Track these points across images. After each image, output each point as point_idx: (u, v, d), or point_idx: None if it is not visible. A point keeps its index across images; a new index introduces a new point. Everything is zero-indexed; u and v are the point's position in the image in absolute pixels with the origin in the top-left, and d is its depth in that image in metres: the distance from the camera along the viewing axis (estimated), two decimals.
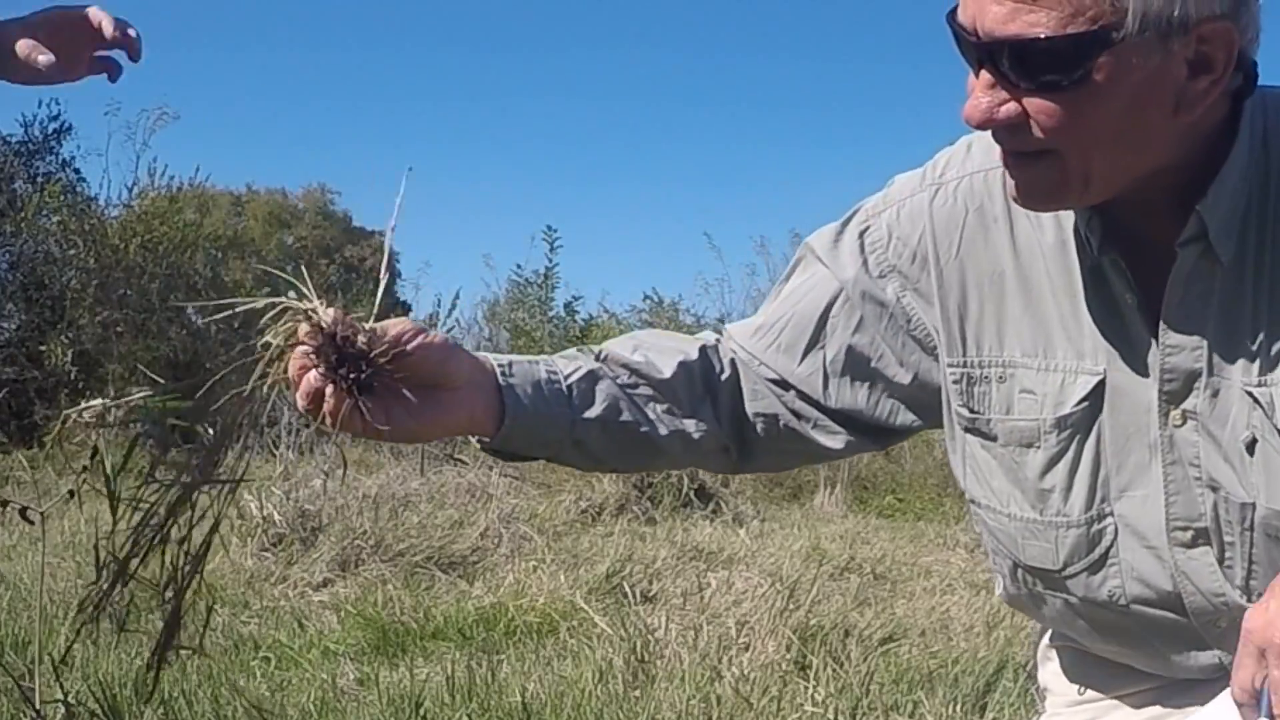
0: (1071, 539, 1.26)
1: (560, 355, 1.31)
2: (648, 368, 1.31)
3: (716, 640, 3.47)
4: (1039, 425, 1.25)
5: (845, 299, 1.33)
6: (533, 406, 1.23)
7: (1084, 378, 1.23)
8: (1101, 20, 1.05)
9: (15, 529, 5.13)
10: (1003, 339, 1.27)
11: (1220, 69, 1.09)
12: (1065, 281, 1.24)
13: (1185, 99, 1.10)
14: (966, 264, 1.28)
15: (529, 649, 3.75)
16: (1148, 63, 1.07)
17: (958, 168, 1.31)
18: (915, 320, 1.31)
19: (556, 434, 1.27)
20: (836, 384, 1.34)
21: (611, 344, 1.33)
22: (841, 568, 5.02)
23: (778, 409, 1.36)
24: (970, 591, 4.61)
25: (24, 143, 11.73)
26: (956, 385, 1.29)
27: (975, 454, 1.31)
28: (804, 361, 1.35)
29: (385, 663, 3.64)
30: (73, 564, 4.73)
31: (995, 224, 1.28)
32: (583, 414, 1.27)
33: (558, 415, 1.25)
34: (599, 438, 1.28)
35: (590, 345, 1.35)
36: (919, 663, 3.46)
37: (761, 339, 1.37)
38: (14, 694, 2.54)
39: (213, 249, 12.57)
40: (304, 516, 5.15)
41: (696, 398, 1.33)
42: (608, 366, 1.30)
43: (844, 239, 1.35)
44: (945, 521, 6.49)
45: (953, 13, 1.14)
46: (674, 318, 11.62)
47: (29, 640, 3.57)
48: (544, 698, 3.15)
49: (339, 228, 25.11)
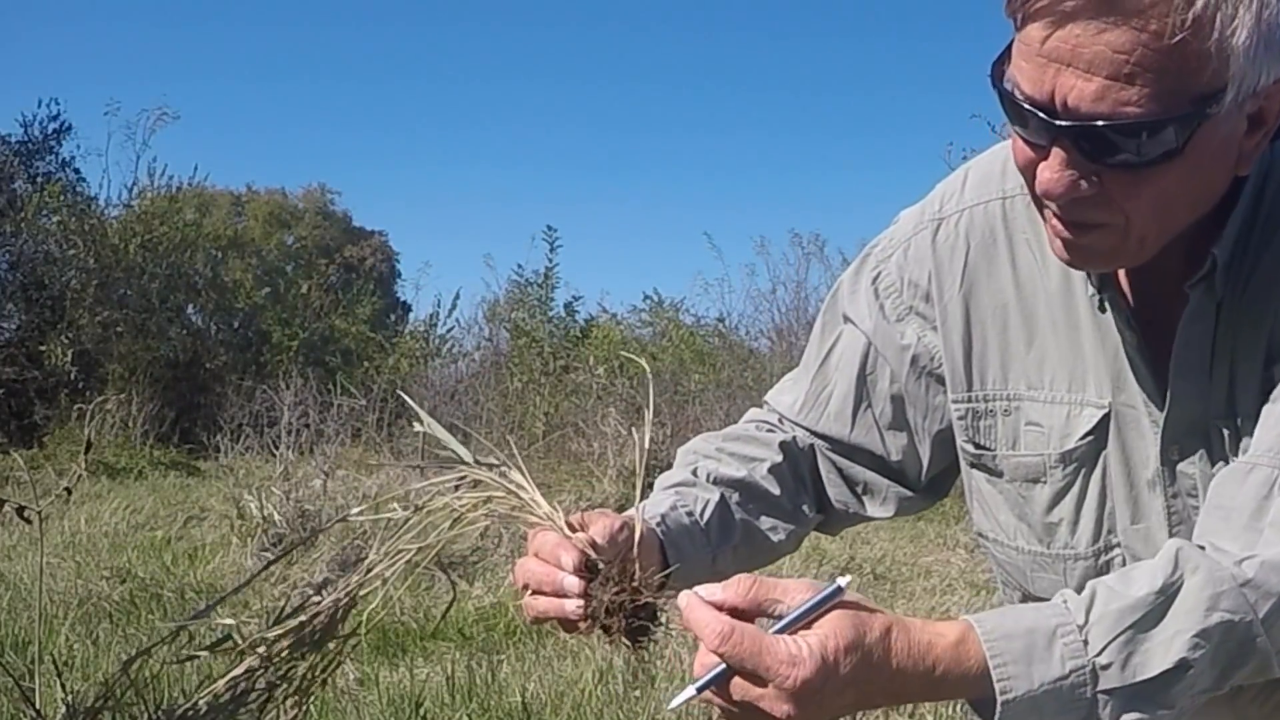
0: (1080, 571, 1.26)
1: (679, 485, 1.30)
2: (753, 481, 1.33)
3: None
4: (1044, 460, 1.25)
5: (875, 352, 1.34)
6: (685, 556, 1.23)
7: (1089, 410, 1.22)
8: (1202, 95, 0.99)
9: (15, 529, 5.13)
10: (1007, 372, 1.26)
11: (1272, 121, 1.07)
12: (1067, 315, 1.23)
13: (1244, 155, 1.08)
14: (970, 298, 1.28)
15: (529, 649, 3.75)
16: (1226, 127, 1.04)
17: (956, 200, 1.31)
18: (936, 358, 1.31)
19: (699, 572, 1.24)
20: (893, 437, 1.35)
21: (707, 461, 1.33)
22: (841, 568, 5.02)
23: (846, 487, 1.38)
24: (970, 591, 4.61)
25: (24, 143, 11.74)
26: (962, 421, 1.29)
27: (981, 489, 1.31)
28: (856, 424, 1.36)
29: (385, 663, 3.63)
30: (73, 564, 4.73)
31: (998, 257, 1.27)
32: (720, 546, 1.28)
33: (703, 556, 1.26)
34: (732, 561, 1.30)
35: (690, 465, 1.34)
36: None
37: (811, 412, 1.38)
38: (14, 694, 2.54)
39: (213, 249, 12.57)
40: (304, 516, 5.15)
41: (794, 496, 1.36)
42: (724, 489, 1.31)
43: (860, 289, 1.35)
44: (945, 521, 6.49)
45: (999, 71, 1.07)
46: (674, 318, 11.63)
47: (29, 640, 3.57)
48: (544, 698, 3.15)
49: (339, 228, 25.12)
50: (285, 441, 7.14)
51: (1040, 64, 1.01)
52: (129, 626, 3.81)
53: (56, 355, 10.30)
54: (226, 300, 12.16)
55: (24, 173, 11.61)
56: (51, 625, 3.71)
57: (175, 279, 11.40)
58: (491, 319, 11.87)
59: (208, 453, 9.06)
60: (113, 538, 5.52)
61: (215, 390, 10.69)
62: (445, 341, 12.33)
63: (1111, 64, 0.98)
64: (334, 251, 22.07)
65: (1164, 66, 0.98)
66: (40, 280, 10.89)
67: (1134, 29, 0.97)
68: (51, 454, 8.51)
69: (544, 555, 1.08)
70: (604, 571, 1.05)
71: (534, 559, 1.09)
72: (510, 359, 10.77)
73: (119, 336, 10.56)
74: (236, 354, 11.75)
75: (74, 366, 10.31)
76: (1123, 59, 0.98)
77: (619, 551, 1.07)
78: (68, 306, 10.66)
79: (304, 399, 8.50)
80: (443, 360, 12.10)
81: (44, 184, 11.50)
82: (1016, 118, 1.06)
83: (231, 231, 14.65)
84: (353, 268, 21.04)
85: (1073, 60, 0.99)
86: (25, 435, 9.76)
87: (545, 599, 1.08)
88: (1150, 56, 0.98)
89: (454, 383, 11.02)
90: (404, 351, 12.10)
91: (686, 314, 11.75)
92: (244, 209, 21.61)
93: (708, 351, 10.81)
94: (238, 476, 6.39)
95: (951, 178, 1.33)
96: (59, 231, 11.07)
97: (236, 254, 13.63)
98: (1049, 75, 1.01)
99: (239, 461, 7.86)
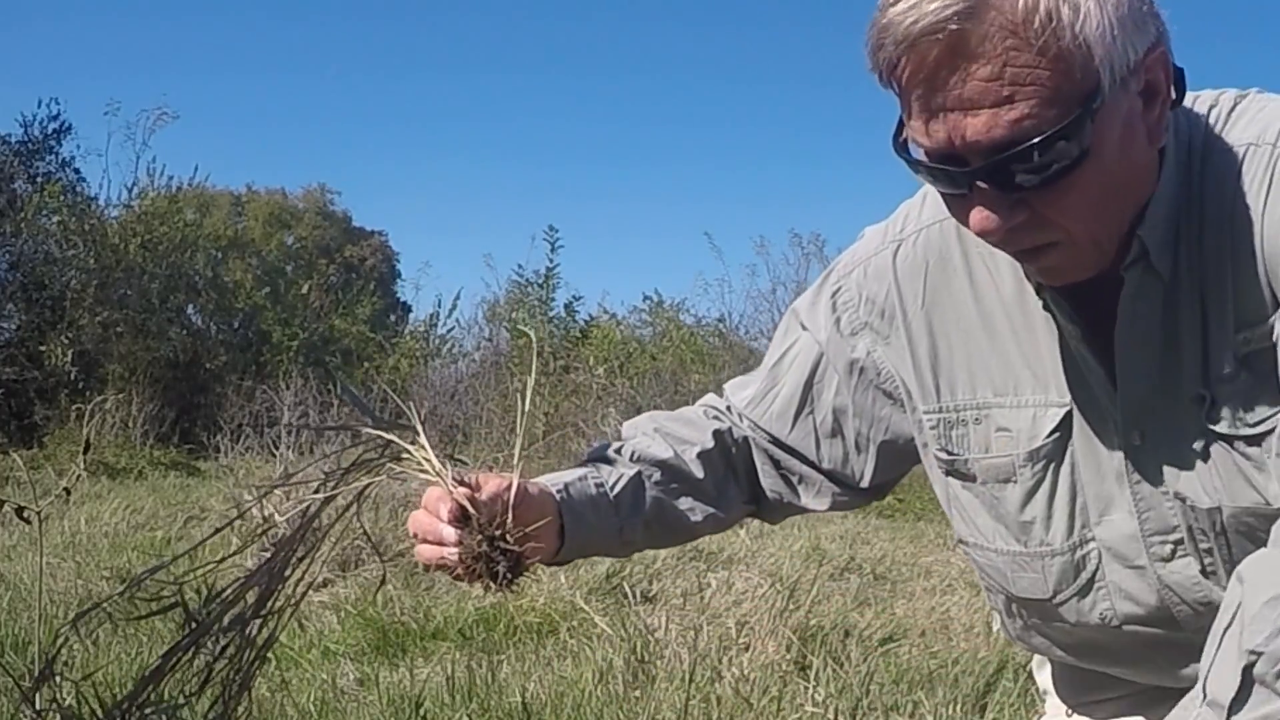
0: (1057, 567, 1.29)
1: (598, 459, 1.38)
2: (677, 463, 1.39)
3: (716, 640, 3.46)
4: (1013, 460, 1.28)
5: (827, 362, 1.39)
6: (587, 524, 1.31)
7: (1053, 410, 1.25)
8: (1084, 94, 1.04)
9: (15, 529, 5.13)
10: (974, 381, 1.30)
11: (1164, 90, 1.11)
12: (1025, 320, 1.26)
13: (1151, 129, 1.11)
14: (933, 313, 1.32)
15: (529, 649, 3.75)
16: (1120, 110, 1.08)
17: (915, 220, 1.35)
18: (885, 373, 1.36)
19: (606, 542, 1.36)
20: (828, 445, 1.41)
21: (639, 438, 1.41)
22: (841, 568, 5.02)
23: (781, 479, 1.44)
24: (970, 591, 4.60)
25: (24, 143, 11.74)
26: (934, 430, 1.33)
27: (958, 495, 1.34)
28: (795, 427, 1.41)
29: (385, 663, 3.63)
30: (73, 564, 4.73)
31: (955, 272, 1.31)
32: (629, 519, 1.35)
33: (608, 526, 1.34)
34: (642, 535, 1.38)
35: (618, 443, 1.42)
36: (919, 663, 3.45)
37: (757, 407, 1.44)
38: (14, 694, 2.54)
39: (213, 249, 12.58)
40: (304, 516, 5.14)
41: (721, 482, 1.43)
42: (643, 466, 1.37)
43: (820, 301, 1.41)
44: (945, 521, 6.43)
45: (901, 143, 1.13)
46: (674, 318, 11.63)
47: (29, 640, 3.57)
48: (544, 698, 3.14)
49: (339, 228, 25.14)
50: (285, 441, 7.14)
51: (928, 121, 1.08)
52: (129, 627, 3.81)
53: (56, 355, 10.30)
54: (226, 300, 12.17)
55: (24, 173, 11.61)
56: (51, 625, 3.71)
57: (175, 279, 11.41)
58: (491, 319, 11.87)
59: (208, 453, 9.06)
60: (113, 538, 5.52)
61: (215, 390, 10.70)
62: (445, 342, 12.34)
63: (988, 93, 1.04)
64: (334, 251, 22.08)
65: (1036, 78, 1.04)
66: (40, 280, 10.89)
67: (991, 58, 1.03)
68: (51, 454, 8.51)
69: (429, 507, 1.19)
70: (475, 522, 1.15)
71: (422, 510, 1.20)
72: (510, 359, 10.77)
73: (119, 336, 10.56)
74: (236, 354, 11.76)
75: (74, 366, 10.31)
76: (996, 85, 1.04)
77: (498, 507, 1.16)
78: (68, 306, 10.67)
79: (304, 399, 8.49)
80: (443, 360, 12.11)
81: (44, 184, 11.50)
82: (930, 178, 1.13)
83: (231, 232, 14.67)
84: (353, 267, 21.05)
85: (956, 105, 1.06)
86: (25, 435, 9.76)
87: (428, 546, 1.19)
88: (1019, 73, 1.04)
89: (454, 383, 11.02)
90: (404, 352, 12.11)
91: (687, 314, 11.77)
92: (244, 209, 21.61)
93: (708, 352, 10.82)
94: (237, 476, 6.39)
95: (914, 197, 1.37)
96: (59, 232, 11.08)
97: (236, 254, 13.64)
98: (940, 127, 1.07)
99: (239, 462, 7.86)
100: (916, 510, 7.29)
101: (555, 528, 1.27)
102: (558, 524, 1.27)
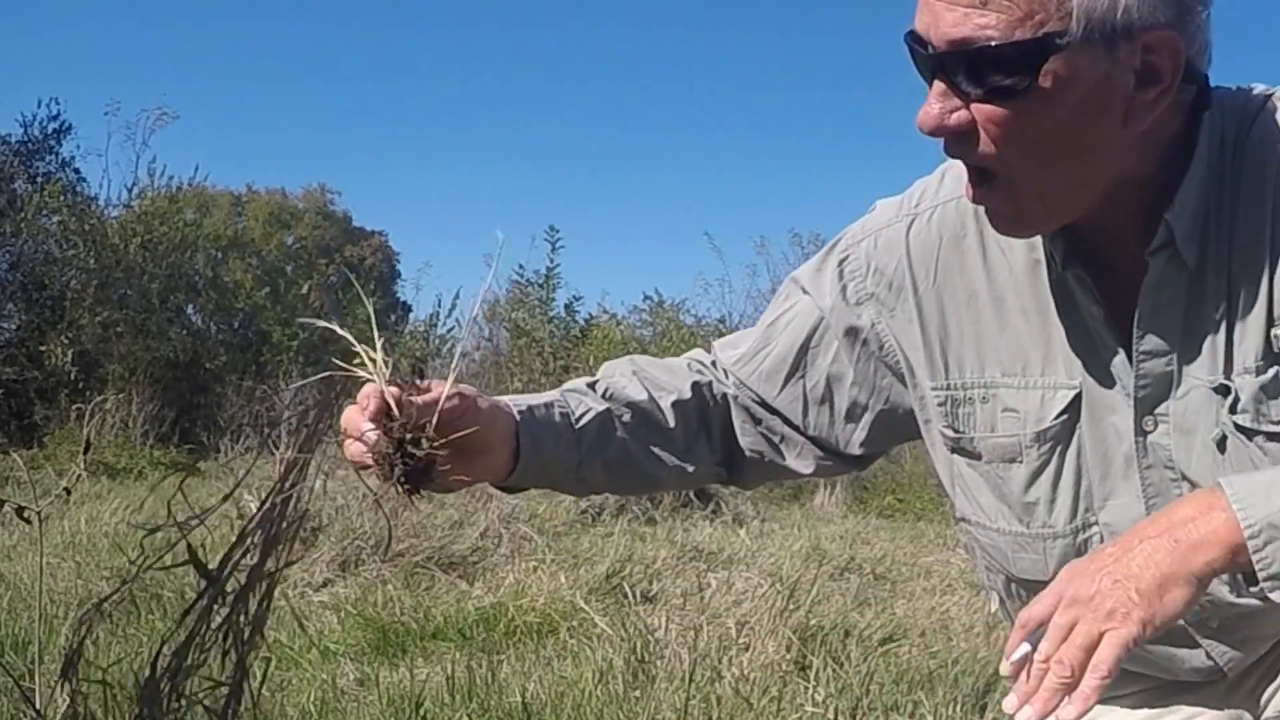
0: (1059, 549, 1.28)
1: (571, 390, 1.36)
2: (649, 407, 1.36)
3: (716, 640, 3.47)
4: (1020, 440, 1.28)
5: (826, 328, 1.38)
6: (544, 451, 1.28)
7: (1062, 392, 1.25)
8: (1048, 25, 1.07)
9: (15, 529, 5.13)
10: (983, 360, 1.30)
11: (1168, 79, 1.11)
12: (1036, 300, 1.26)
13: (1134, 109, 1.12)
14: (944, 290, 1.32)
15: (529, 649, 3.75)
16: (1094, 70, 1.09)
17: (931, 197, 1.35)
18: (887, 346, 1.35)
19: (563, 474, 1.33)
20: (816, 411, 1.40)
21: (616, 377, 1.38)
22: (841, 568, 5.02)
23: (762, 437, 1.42)
24: (970, 591, 4.61)
25: (24, 143, 11.72)
26: (941, 408, 1.33)
27: (963, 473, 1.34)
28: (785, 389, 1.40)
29: (385, 663, 3.63)
30: (73, 564, 4.73)
31: (969, 249, 1.31)
32: (589, 455, 1.33)
33: (566, 457, 1.31)
34: (601, 475, 1.36)
35: (593, 379, 1.40)
36: (919, 663, 3.46)
37: (746, 366, 1.42)
38: (14, 694, 2.54)
39: (213, 249, 12.57)
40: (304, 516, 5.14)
41: (692, 435, 1.40)
42: (613, 404, 1.35)
43: (826, 268, 1.40)
44: (945, 521, 6.49)
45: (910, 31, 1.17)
46: (674, 318, 11.63)
47: (29, 640, 3.57)
48: (544, 698, 3.15)
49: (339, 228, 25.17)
50: (285, 441, 7.14)
51: (921, 6, 1.14)
52: (129, 627, 3.81)
53: (56, 355, 10.29)
54: (226, 300, 12.16)
55: (24, 173, 11.59)
56: (52, 625, 3.71)
57: (175, 279, 11.39)
58: (491, 319, 11.87)
59: (208, 453, 9.05)
60: (113, 538, 5.52)
61: (215, 390, 10.68)
62: (445, 342, 12.33)
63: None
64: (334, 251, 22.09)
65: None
66: (40, 280, 10.87)
67: None
68: (51, 454, 8.50)
69: (360, 402, 1.18)
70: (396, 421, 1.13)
71: (354, 406, 1.19)
72: (510, 359, 10.77)
73: (119, 336, 10.55)
74: (236, 354, 11.75)
75: (74, 366, 10.30)
76: None
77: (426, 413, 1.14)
78: (68, 306, 10.65)
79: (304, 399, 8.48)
80: (443, 360, 12.10)
81: (44, 184, 11.48)
82: (912, 60, 1.16)
83: (231, 232, 14.67)
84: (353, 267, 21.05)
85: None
86: (25, 435, 9.75)
87: (352, 443, 1.18)
88: None
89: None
90: (404, 352, 12.10)
91: (687, 314, 11.75)
92: (244, 209, 21.63)
93: None
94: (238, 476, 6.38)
95: (931, 175, 1.37)
96: (59, 232, 11.07)
97: (236, 254, 13.64)
98: (925, 13, 1.13)
99: (239, 461, 7.85)
100: (916, 510, 7.30)
101: (510, 449, 1.25)
102: (512, 445, 1.25)
